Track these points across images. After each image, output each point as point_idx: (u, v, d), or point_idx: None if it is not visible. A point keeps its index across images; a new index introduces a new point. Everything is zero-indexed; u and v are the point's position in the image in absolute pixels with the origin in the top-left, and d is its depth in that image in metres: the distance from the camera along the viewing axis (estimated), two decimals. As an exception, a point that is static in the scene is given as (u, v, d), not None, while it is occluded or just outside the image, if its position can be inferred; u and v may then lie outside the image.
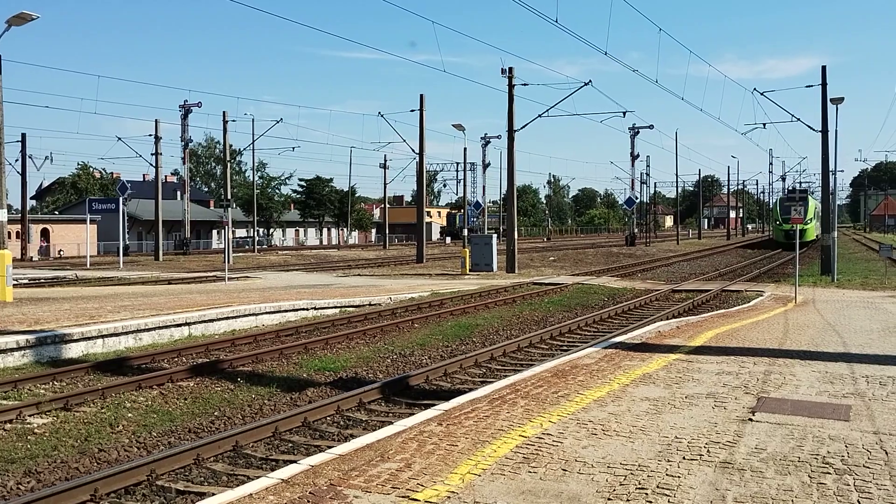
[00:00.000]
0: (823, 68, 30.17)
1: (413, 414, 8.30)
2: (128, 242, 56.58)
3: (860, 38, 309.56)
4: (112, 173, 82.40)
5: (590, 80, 33.30)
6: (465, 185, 63.51)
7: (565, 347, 14.50)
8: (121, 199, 44.93)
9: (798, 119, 35.06)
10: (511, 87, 33.94)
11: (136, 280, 30.04)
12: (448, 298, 22.29)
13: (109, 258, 51.41)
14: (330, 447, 6.85)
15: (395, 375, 11.71)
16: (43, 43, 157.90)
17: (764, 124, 38.02)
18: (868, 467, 5.82)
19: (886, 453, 6.19)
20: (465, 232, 42.71)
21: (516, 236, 35.61)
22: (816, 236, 53.55)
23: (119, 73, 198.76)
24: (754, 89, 32.69)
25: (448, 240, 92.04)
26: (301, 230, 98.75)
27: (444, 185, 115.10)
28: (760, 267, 37.21)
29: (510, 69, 33.87)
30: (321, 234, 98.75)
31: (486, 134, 69.39)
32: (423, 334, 16.20)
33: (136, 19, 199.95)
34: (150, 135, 50.24)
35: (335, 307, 20.08)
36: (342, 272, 36.31)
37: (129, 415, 9.68)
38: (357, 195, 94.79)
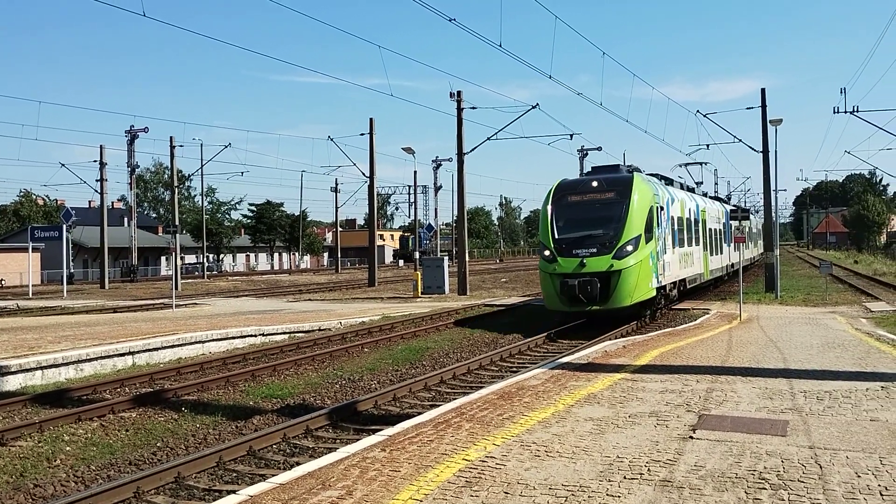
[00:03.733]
0: (763, 91, 31.04)
1: (359, 440, 8.24)
2: (72, 270, 55.26)
3: (799, 59, 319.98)
4: (56, 200, 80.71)
5: (537, 104, 33.64)
6: (416, 208, 63.64)
7: (514, 369, 14.55)
8: (64, 226, 43.95)
9: (740, 140, 35.75)
10: (460, 110, 34.19)
11: (80, 309, 29.34)
12: (399, 322, 22.22)
13: (53, 287, 50.21)
14: (273, 476, 6.76)
15: (344, 401, 11.63)
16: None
17: (707, 145, 39.09)
18: (802, 482, 5.94)
19: (821, 467, 6.32)
20: (418, 255, 42.75)
21: (467, 258, 35.71)
22: (659, 290, 21.06)
23: (62, 99, 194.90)
24: (697, 111, 33.38)
25: (401, 263, 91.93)
26: (252, 255, 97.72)
27: (397, 209, 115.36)
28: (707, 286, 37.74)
29: (459, 93, 34.12)
30: (272, 259, 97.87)
31: (437, 157, 69.85)
32: (373, 359, 16.11)
33: (79, 44, 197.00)
34: (95, 161, 49.33)
35: (284, 333, 19.87)
36: (293, 297, 35.97)
37: (68, 448, 9.43)
38: (308, 219, 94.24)
